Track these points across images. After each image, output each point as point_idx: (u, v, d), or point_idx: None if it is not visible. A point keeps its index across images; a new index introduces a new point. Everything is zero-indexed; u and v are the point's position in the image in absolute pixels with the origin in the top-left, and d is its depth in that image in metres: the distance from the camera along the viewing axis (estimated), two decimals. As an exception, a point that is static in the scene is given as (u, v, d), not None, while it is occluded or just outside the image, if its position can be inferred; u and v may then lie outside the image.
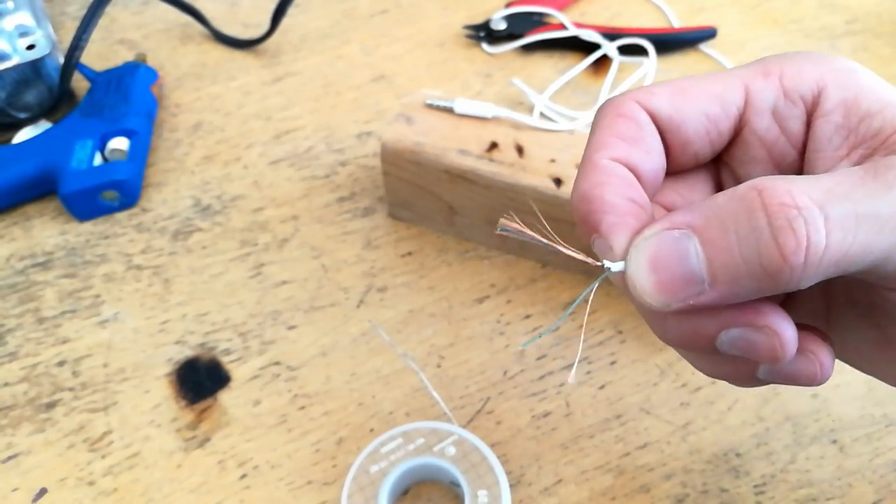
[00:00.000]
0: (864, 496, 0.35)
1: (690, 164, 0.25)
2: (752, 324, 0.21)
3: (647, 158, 0.23)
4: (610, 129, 0.23)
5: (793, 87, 0.23)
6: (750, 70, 0.24)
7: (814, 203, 0.19)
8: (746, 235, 0.19)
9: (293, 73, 0.56)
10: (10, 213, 0.47)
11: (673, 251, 0.20)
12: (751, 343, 0.21)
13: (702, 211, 0.20)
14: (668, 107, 0.23)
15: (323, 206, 0.47)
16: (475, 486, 0.34)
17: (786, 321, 0.21)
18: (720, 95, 0.24)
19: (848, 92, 0.23)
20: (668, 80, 0.24)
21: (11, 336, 0.42)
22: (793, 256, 0.18)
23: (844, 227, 0.19)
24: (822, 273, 0.19)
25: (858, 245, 0.19)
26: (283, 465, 0.37)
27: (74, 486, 0.37)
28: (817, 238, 0.18)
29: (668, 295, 0.20)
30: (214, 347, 0.41)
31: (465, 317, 0.42)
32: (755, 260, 0.19)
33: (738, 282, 0.19)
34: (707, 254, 0.19)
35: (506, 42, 0.57)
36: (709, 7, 0.60)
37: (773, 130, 0.24)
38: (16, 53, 0.50)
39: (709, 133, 0.24)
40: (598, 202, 0.22)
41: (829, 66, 0.23)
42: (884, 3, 0.60)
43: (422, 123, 0.43)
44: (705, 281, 0.20)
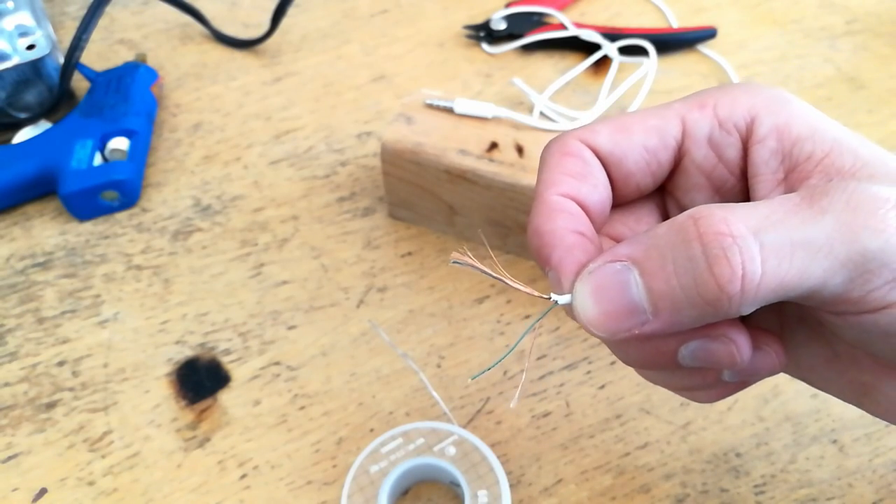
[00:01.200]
0: (864, 496, 0.35)
1: (634, 195, 0.26)
2: (708, 335, 0.22)
3: (594, 192, 0.24)
4: (558, 166, 0.24)
5: (727, 117, 0.24)
6: (686, 103, 0.25)
7: (749, 231, 0.19)
8: (683, 265, 0.20)
9: (293, 73, 0.56)
10: (10, 213, 0.47)
11: (614, 283, 0.21)
12: (710, 352, 0.22)
13: (642, 242, 0.21)
14: (609, 142, 0.25)
15: (323, 206, 0.47)
16: (475, 486, 0.34)
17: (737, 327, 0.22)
18: (658, 128, 0.25)
19: (779, 118, 0.24)
20: (609, 118, 0.25)
21: (11, 336, 0.42)
22: (728, 286, 0.19)
23: (780, 254, 0.19)
24: (759, 300, 0.20)
25: (794, 271, 0.19)
26: (283, 465, 0.37)
27: (74, 486, 0.37)
28: (752, 267, 0.19)
29: (613, 325, 0.21)
30: (214, 347, 0.41)
31: (465, 317, 0.42)
32: (692, 289, 0.19)
33: (679, 311, 0.20)
34: (647, 284, 0.20)
35: (506, 42, 0.57)
36: (709, 7, 0.60)
37: (711, 158, 0.25)
38: (16, 53, 0.50)
39: (649, 165, 0.25)
40: (549, 236, 0.23)
41: (762, 96, 0.24)
42: (884, 3, 0.60)
43: (422, 123, 0.43)
44: (647, 311, 0.20)
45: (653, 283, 0.20)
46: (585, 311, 0.21)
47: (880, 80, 0.54)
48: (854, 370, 0.25)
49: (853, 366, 0.25)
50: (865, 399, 0.26)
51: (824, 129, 0.23)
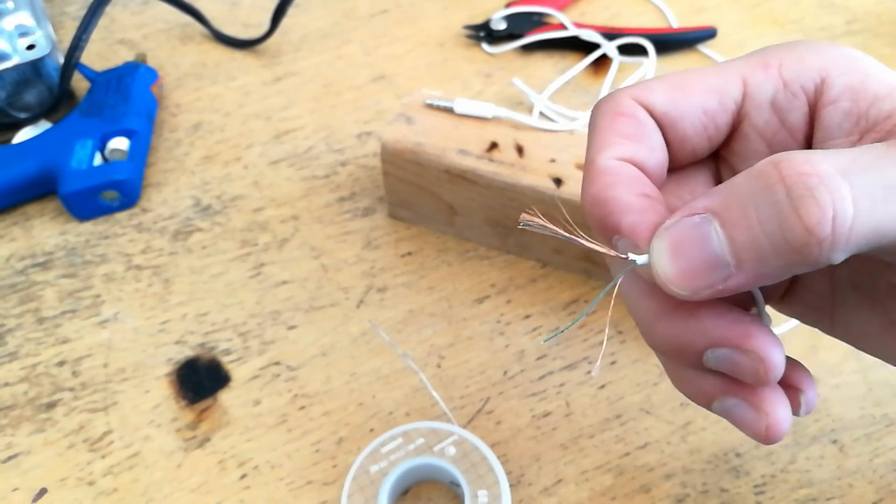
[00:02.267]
0: (864, 496, 0.35)
1: (689, 159, 0.25)
2: (739, 346, 0.20)
3: (652, 155, 0.23)
4: (611, 128, 0.23)
5: (793, 78, 0.23)
6: (749, 62, 0.23)
7: (837, 171, 0.18)
8: (766, 210, 0.18)
9: (293, 73, 0.56)
10: (10, 213, 0.47)
11: (694, 236, 0.19)
12: (735, 364, 0.21)
13: (720, 193, 0.19)
14: (665, 102, 0.23)
15: (323, 206, 0.47)
16: (475, 486, 0.34)
17: (773, 346, 0.20)
18: (717, 89, 0.23)
19: (853, 77, 0.22)
20: (664, 76, 0.24)
21: (11, 336, 0.42)
22: (818, 228, 0.17)
23: (873, 196, 0.18)
24: (851, 246, 0.18)
25: (889, 215, 0.18)
26: (283, 465, 0.37)
27: (74, 486, 0.37)
28: (843, 206, 0.17)
29: (694, 281, 0.19)
30: (214, 347, 0.41)
31: (465, 317, 0.42)
32: (778, 235, 0.18)
33: (764, 261, 0.18)
34: (728, 234, 0.19)
35: (506, 42, 0.57)
36: (708, 7, 0.60)
37: (773, 123, 0.23)
38: (16, 53, 0.50)
39: (706, 128, 0.24)
40: (613, 203, 0.21)
41: (831, 54, 0.23)
42: (884, 3, 0.60)
43: (422, 123, 0.43)
44: (731, 264, 0.19)
45: (735, 233, 0.19)
46: (664, 269, 0.20)
47: (880, 80, 0.54)
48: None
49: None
50: None
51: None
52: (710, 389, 0.22)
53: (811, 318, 0.27)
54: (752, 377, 0.21)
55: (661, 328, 0.22)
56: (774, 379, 0.21)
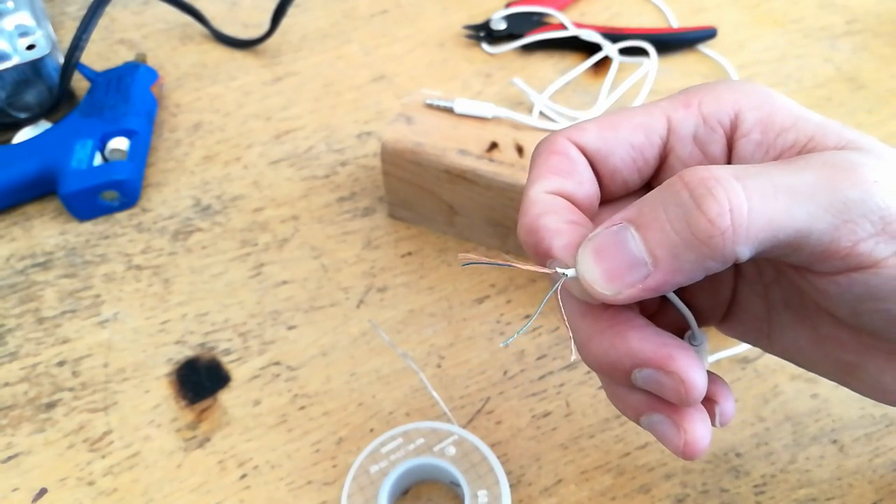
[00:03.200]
0: (864, 496, 0.35)
1: (621, 191, 0.27)
2: (662, 367, 0.22)
3: (580, 188, 0.25)
4: (545, 165, 0.25)
5: (711, 114, 0.25)
6: (672, 101, 0.26)
7: (730, 175, 0.20)
8: (674, 210, 0.20)
9: (293, 73, 0.56)
10: (10, 213, 0.47)
11: (613, 241, 0.21)
12: (660, 384, 0.23)
13: (635, 205, 0.22)
14: (595, 140, 0.25)
15: (323, 206, 0.47)
16: (475, 486, 0.34)
17: (694, 368, 0.22)
18: (644, 126, 0.25)
19: (762, 112, 0.24)
20: (597, 117, 0.26)
21: (11, 336, 0.42)
22: (718, 219, 0.20)
23: (764, 194, 0.20)
24: (752, 238, 0.20)
25: (781, 211, 0.20)
26: (283, 465, 0.37)
27: (74, 486, 0.37)
28: (738, 201, 0.20)
29: (617, 281, 0.21)
30: (214, 347, 0.41)
31: (465, 317, 0.42)
32: (686, 230, 0.20)
33: (677, 256, 0.21)
34: (643, 236, 0.21)
35: (506, 42, 0.57)
36: (709, 7, 0.60)
37: (696, 155, 0.26)
38: (16, 53, 0.50)
39: (635, 161, 0.26)
40: (543, 231, 0.24)
41: (744, 91, 0.25)
42: (884, 3, 0.60)
43: (422, 123, 0.43)
44: (648, 262, 0.21)
45: (648, 234, 0.21)
46: (589, 273, 0.22)
47: (880, 80, 0.54)
48: (838, 350, 0.26)
49: (837, 346, 0.26)
50: (850, 378, 0.26)
51: (807, 118, 0.24)
52: (638, 405, 0.25)
53: (751, 338, 0.29)
54: (675, 397, 0.23)
55: (593, 346, 0.24)
56: (695, 400, 0.23)
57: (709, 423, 0.24)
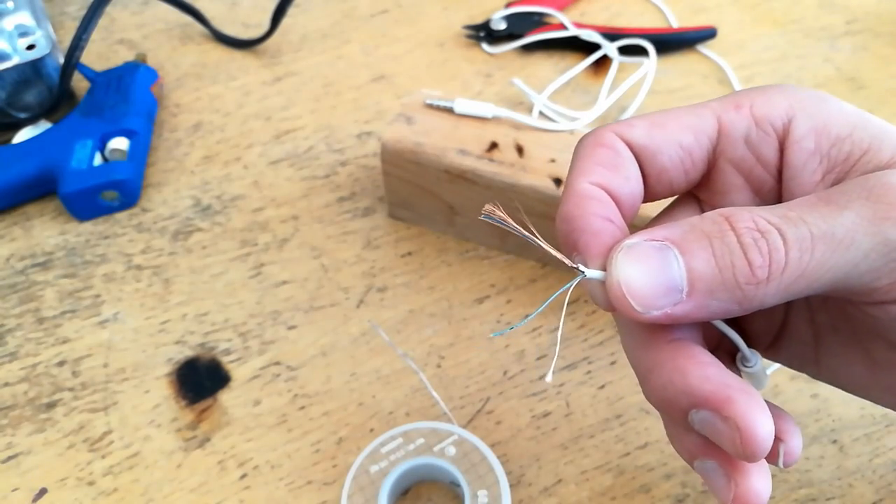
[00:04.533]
0: (864, 496, 0.35)
1: (666, 192, 0.26)
2: (719, 410, 0.21)
3: (625, 184, 0.24)
4: (590, 157, 0.24)
5: (764, 117, 0.24)
6: (722, 103, 0.25)
7: (772, 227, 0.20)
8: (721, 250, 0.20)
9: (293, 73, 0.56)
10: (10, 213, 0.47)
11: (655, 258, 0.21)
12: (716, 429, 0.21)
13: (679, 227, 0.21)
14: (643, 137, 0.25)
15: (323, 206, 0.47)
16: (475, 486, 0.34)
17: (756, 415, 0.20)
18: (693, 126, 0.25)
19: (817, 119, 0.24)
20: (645, 114, 0.25)
21: (11, 336, 0.42)
22: (759, 270, 0.20)
23: (802, 247, 0.20)
24: (784, 288, 0.20)
25: (816, 262, 0.20)
26: (283, 465, 0.37)
27: (74, 486, 0.37)
28: (778, 256, 0.20)
29: (650, 299, 0.21)
30: (214, 347, 0.41)
31: (465, 317, 0.42)
32: (730, 271, 0.20)
33: (712, 293, 0.20)
34: (687, 263, 0.21)
35: (506, 42, 0.57)
36: (709, 7, 0.60)
37: (749, 158, 0.25)
38: (16, 53, 0.50)
39: (682, 162, 0.25)
40: (577, 221, 0.23)
41: (798, 96, 0.24)
42: (884, 3, 0.60)
43: (422, 123, 0.43)
44: (683, 290, 0.21)
45: (693, 263, 0.21)
46: (627, 282, 0.21)
47: (880, 80, 0.54)
48: (892, 374, 0.25)
49: (891, 370, 0.25)
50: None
51: (864, 126, 0.23)
52: (693, 448, 0.23)
53: (798, 363, 0.28)
54: (730, 446, 0.21)
55: (652, 380, 0.23)
56: (751, 454, 0.20)
57: (767, 476, 0.22)
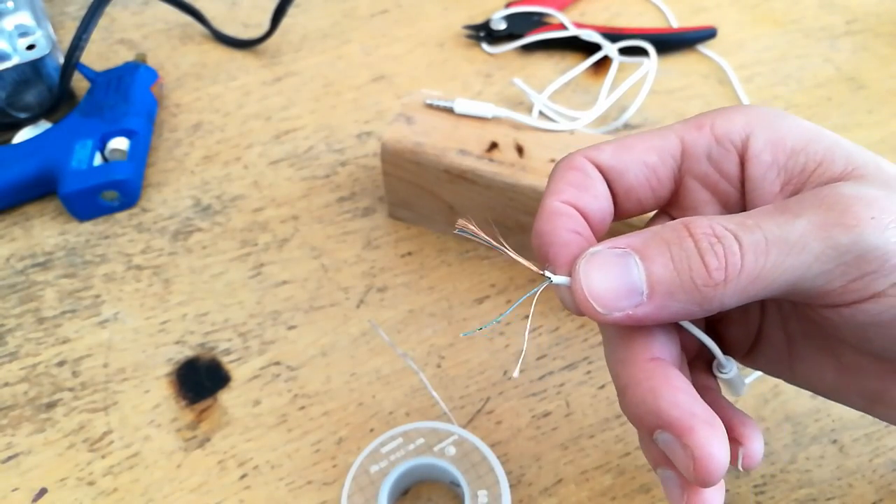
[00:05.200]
0: (864, 496, 0.35)
1: (636, 209, 0.28)
2: (679, 437, 0.22)
3: (594, 201, 0.26)
4: (561, 179, 0.27)
5: (724, 134, 0.26)
6: (685, 124, 0.27)
7: (728, 232, 0.22)
8: (679, 254, 0.22)
9: (293, 73, 0.56)
10: (10, 213, 0.47)
11: (617, 262, 0.22)
12: (674, 453, 0.22)
13: (639, 235, 0.23)
14: (611, 158, 0.27)
15: (323, 206, 0.47)
16: (475, 486, 0.34)
17: (713, 448, 0.21)
18: (657, 147, 0.27)
19: (773, 133, 0.25)
20: (614, 139, 0.27)
21: (11, 336, 0.42)
22: (716, 272, 0.21)
23: (756, 250, 0.21)
24: (741, 290, 0.22)
25: (770, 265, 0.21)
26: (283, 465, 0.37)
27: (74, 486, 0.37)
28: (734, 259, 0.21)
29: (612, 301, 0.22)
30: (214, 347, 0.41)
31: (465, 317, 0.42)
32: (687, 274, 0.22)
33: (672, 295, 0.22)
34: (647, 267, 0.22)
35: (506, 42, 0.57)
36: (709, 7, 0.60)
37: (712, 174, 0.26)
38: (16, 53, 0.50)
39: (648, 180, 0.27)
40: (548, 236, 0.25)
41: (755, 113, 0.26)
42: (884, 3, 0.60)
43: (422, 123, 0.43)
44: (644, 293, 0.22)
45: (653, 267, 0.22)
46: (589, 286, 0.23)
47: (880, 80, 0.54)
48: (861, 378, 0.26)
49: (860, 374, 0.26)
50: (877, 406, 0.26)
51: (817, 140, 0.25)
52: (657, 457, 0.25)
53: (773, 370, 0.29)
54: (684, 471, 0.22)
55: (627, 396, 0.24)
56: (704, 482, 0.22)
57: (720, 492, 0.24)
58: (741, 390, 0.28)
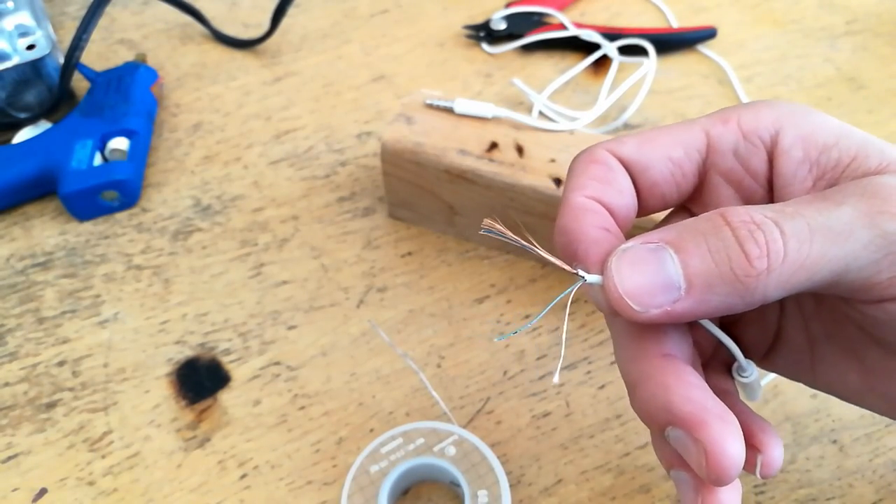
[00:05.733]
0: (864, 496, 0.35)
1: (660, 205, 0.27)
2: (691, 432, 0.21)
3: (619, 197, 0.25)
4: (584, 173, 0.25)
5: (751, 130, 0.25)
6: (710, 118, 0.26)
7: (769, 220, 0.21)
8: (716, 244, 0.21)
9: (293, 73, 0.56)
10: (10, 213, 0.47)
11: (652, 258, 0.21)
12: (686, 450, 0.22)
13: (674, 229, 0.22)
14: (634, 152, 0.26)
15: (323, 206, 0.47)
16: (475, 486, 0.34)
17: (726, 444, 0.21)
18: (682, 141, 0.26)
19: (803, 129, 0.24)
20: (636, 132, 0.26)
21: (11, 336, 0.42)
22: (757, 261, 0.20)
23: (800, 238, 0.20)
24: (785, 280, 0.20)
25: (815, 254, 0.20)
26: (283, 465, 0.37)
27: (74, 486, 0.37)
28: (776, 247, 0.20)
29: (648, 298, 0.21)
30: (214, 347, 0.41)
31: (465, 317, 0.42)
32: (726, 264, 0.21)
33: (711, 288, 0.21)
34: (683, 260, 0.21)
35: (506, 42, 0.57)
36: (709, 7, 0.60)
37: (738, 170, 0.26)
38: (16, 53, 0.50)
39: (673, 175, 0.26)
40: (575, 233, 0.24)
41: (784, 109, 0.25)
42: (884, 3, 0.60)
43: (422, 123, 0.43)
44: (681, 287, 0.21)
45: (689, 259, 0.21)
46: (623, 283, 0.21)
47: (880, 80, 0.54)
48: (886, 382, 0.25)
49: (885, 378, 0.25)
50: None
51: (849, 135, 0.24)
52: (670, 457, 0.24)
53: (793, 372, 0.28)
54: (697, 468, 0.21)
55: (638, 392, 0.23)
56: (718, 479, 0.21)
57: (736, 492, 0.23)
58: (758, 395, 0.27)
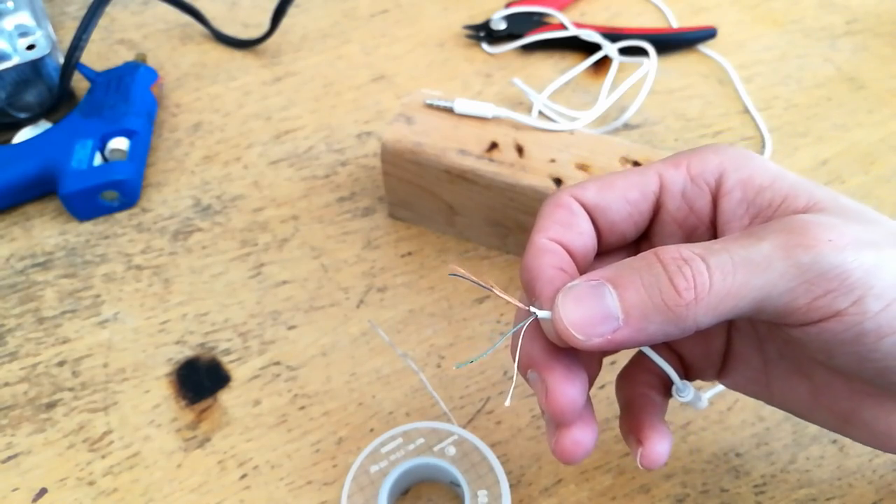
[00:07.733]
0: (864, 496, 0.35)
1: (620, 242, 0.29)
2: (537, 370, 0.26)
3: (578, 238, 0.28)
4: (549, 216, 0.28)
5: (698, 174, 0.28)
6: (664, 162, 0.29)
7: (696, 256, 0.23)
8: (650, 280, 0.23)
9: (293, 73, 0.56)
10: (10, 213, 0.47)
11: (592, 294, 0.24)
12: (534, 385, 0.26)
13: (613, 267, 0.25)
14: (594, 196, 0.28)
15: (323, 206, 0.47)
16: (475, 486, 0.34)
17: (567, 384, 0.25)
18: (638, 184, 0.28)
19: (743, 172, 0.27)
20: (597, 176, 0.29)
21: (11, 336, 0.42)
22: (685, 292, 0.23)
23: (724, 270, 0.23)
24: (713, 308, 0.23)
25: (738, 283, 0.23)
26: (283, 465, 0.37)
27: (74, 486, 0.37)
28: (702, 279, 0.23)
29: (589, 329, 0.24)
30: (214, 347, 0.41)
31: (465, 317, 0.42)
32: (658, 297, 0.23)
33: (647, 317, 0.23)
34: (620, 294, 0.24)
35: (506, 42, 0.57)
36: (709, 7, 0.60)
37: (683, 209, 0.28)
38: (16, 53, 0.50)
39: (631, 215, 0.29)
40: (535, 271, 0.27)
41: (728, 154, 0.28)
42: (884, 3, 0.60)
43: (422, 123, 0.43)
44: (619, 318, 0.23)
45: (626, 294, 0.23)
46: (567, 316, 0.24)
47: (880, 80, 0.54)
48: (833, 399, 0.28)
49: (831, 394, 0.27)
50: (849, 427, 0.28)
51: (783, 178, 0.27)
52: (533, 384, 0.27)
53: (752, 390, 0.31)
54: (540, 400, 0.26)
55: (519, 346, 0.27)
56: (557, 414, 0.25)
57: (589, 431, 0.26)
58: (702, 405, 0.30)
